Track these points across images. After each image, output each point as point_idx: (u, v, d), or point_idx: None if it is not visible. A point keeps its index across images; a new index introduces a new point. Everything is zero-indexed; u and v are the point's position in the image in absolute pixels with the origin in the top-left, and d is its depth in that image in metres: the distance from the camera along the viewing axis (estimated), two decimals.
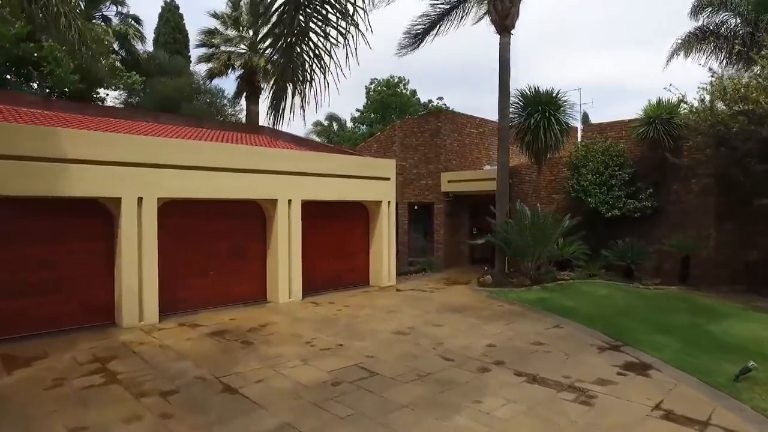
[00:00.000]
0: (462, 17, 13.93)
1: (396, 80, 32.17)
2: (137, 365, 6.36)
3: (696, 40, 18.54)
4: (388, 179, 13.02)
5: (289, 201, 10.74)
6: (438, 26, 14.23)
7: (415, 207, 17.50)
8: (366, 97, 33.59)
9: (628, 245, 13.55)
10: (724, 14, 18.22)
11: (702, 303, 10.82)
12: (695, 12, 18.05)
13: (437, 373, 6.24)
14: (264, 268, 10.85)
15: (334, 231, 12.35)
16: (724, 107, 11.36)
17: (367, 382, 5.87)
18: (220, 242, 10.11)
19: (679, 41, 18.95)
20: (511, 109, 13.27)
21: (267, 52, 5.37)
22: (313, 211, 11.58)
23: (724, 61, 18.79)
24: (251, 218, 10.70)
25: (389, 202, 13.03)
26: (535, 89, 13.42)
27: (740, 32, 17.91)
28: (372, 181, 12.53)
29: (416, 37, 14.58)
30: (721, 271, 13.45)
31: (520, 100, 13.57)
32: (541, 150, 13.33)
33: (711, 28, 18.40)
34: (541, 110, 13.12)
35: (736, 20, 18.18)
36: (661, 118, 13.32)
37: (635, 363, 6.67)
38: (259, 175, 10.16)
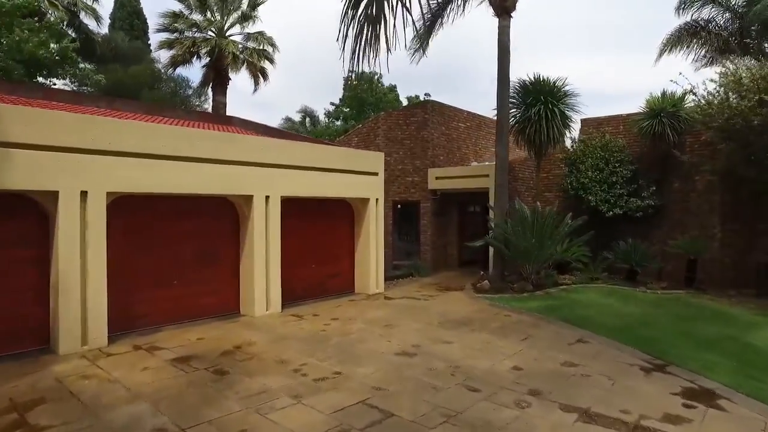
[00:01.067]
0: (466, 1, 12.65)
1: (371, 74, 30.80)
2: (72, 413, 4.76)
3: (687, 35, 18.07)
4: (376, 174, 11.68)
5: (267, 197, 9.26)
6: (444, 13, 12.92)
7: (399, 206, 16.24)
8: (343, 88, 31.98)
9: (631, 246, 12.70)
10: (712, 9, 17.80)
11: (720, 310, 9.98)
12: (682, 7, 17.50)
13: (467, 410, 4.96)
14: (237, 275, 9.33)
15: (316, 232, 10.93)
16: (739, 100, 10.57)
17: (384, 430, 4.53)
18: (186, 246, 8.54)
19: (669, 36, 18.48)
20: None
21: None
22: (293, 210, 10.14)
23: (711, 57, 18.50)
24: (222, 217, 9.16)
25: (377, 199, 11.71)
26: (535, 78, 12.38)
27: (730, 27, 17.54)
28: (358, 176, 11.17)
29: (428, 30, 13.16)
30: (727, 273, 12.77)
31: (520, 90, 12.50)
32: (542, 144, 12.30)
33: (700, 23, 17.96)
34: (543, 100, 12.09)
35: (724, 16, 17.79)
36: (667, 111, 12.51)
37: (696, 390, 5.58)
38: (232, 167, 8.64)
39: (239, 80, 62.92)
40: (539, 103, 12.00)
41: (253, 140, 9.26)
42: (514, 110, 12.59)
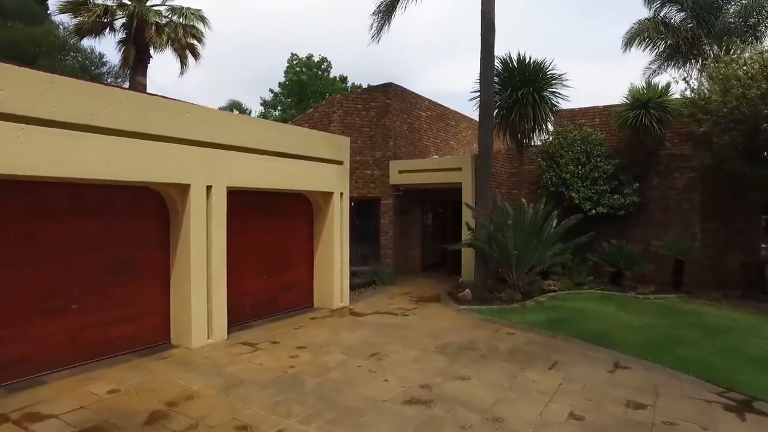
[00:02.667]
0: None
1: (318, 60, 28.22)
2: None
3: (651, 29, 17.73)
4: (340, 163, 9.64)
5: (208, 188, 6.94)
6: None
7: (352, 203, 14.21)
8: (285, 74, 29.05)
9: (616, 248, 11.65)
10: (671, 7, 17.61)
11: (732, 318, 9.03)
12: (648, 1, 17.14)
13: None
14: (167, 292, 6.91)
15: (268, 234, 8.70)
16: (744, 90, 9.75)
17: None
18: (90, 255, 6.02)
19: (633, 29, 18.08)
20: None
21: None
22: (239, 206, 7.89)
23: (667, 54, 18.36)
24: (145, 214, 6.71)
25: (342, 194, 9.67)
26: (520, 57, 10.95)
27: (688, 26, 17.39)
28: (321, 165, 9.07)
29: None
30: (707, 274, 12.12)
31: (503, 71, 11.01)
32: (528, 133, 10.89)
33: (663, 19, 17.71)
34: (529, 83, 10.67)
35: (681, 15, 17.66)
36: (654, 102, 11.60)
37: None
38: (159, 145, 6.25)
39: (162, 72, 57.53)
40: (526, 86, 10.57)
41: (191, 109, 6.84)
42: (497, 95, 11.06)
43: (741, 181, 10.99)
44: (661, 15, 17.74)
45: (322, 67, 28.69)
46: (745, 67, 9.84)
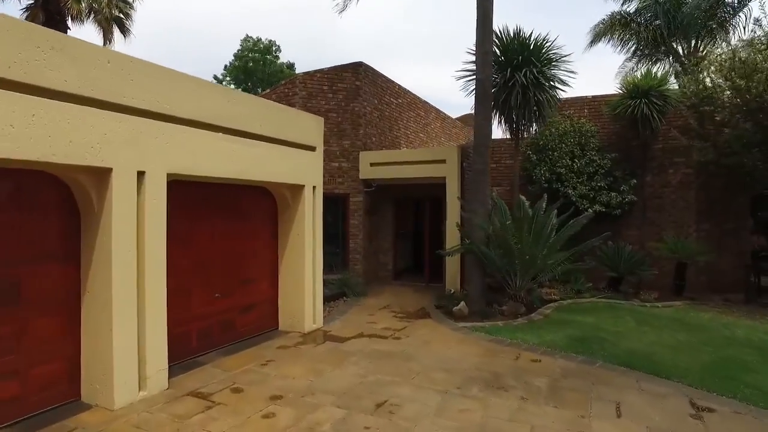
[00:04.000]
0: None
1: (267, 43, 25.56)
2: None
3: (619, 25, 17.12)
4: (313, 149, 7.73)
5: (140, 175, 4.84)
6: None
7: None
8: (234, 58, 26.08)
9: (614, 251, 10.51)
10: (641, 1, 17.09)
11: (766, 331, 8.01)
12: None
13: None
14: (75, 327, 4.72)
15: (223, 239, 6.65)
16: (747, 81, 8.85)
17: None
18: None
19: (601, 26, 17.40)
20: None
21: None
22: (186, 202, 5.84)
23: (638, 50, 17.87)
24: (39, 212, 4.51)
25: (315, 188, 7.76)
26: (519, 33, 9.49)
27: (655, 23, 16.91)
28: (290, 151, 7.13)
29: None
30: (701, 278, 11.27)
31: (499, 48, 9.51)
32: (528, 119, 9.47)
33: (632, 15, 17.15)
34: (529, 63, 9.24)
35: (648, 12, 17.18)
36: (656, 90, 10.58)
37: None
38: (61, 106, 4.11)
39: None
40: (527, 66, 9.13)
41: (115, 58, 4.64)
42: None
43: (745, 176, 10.19)
44: (628, 10, 17.22)
45: (272, 50, 26.14)
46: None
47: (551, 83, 9.52)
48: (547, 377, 5.64)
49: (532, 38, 9.37)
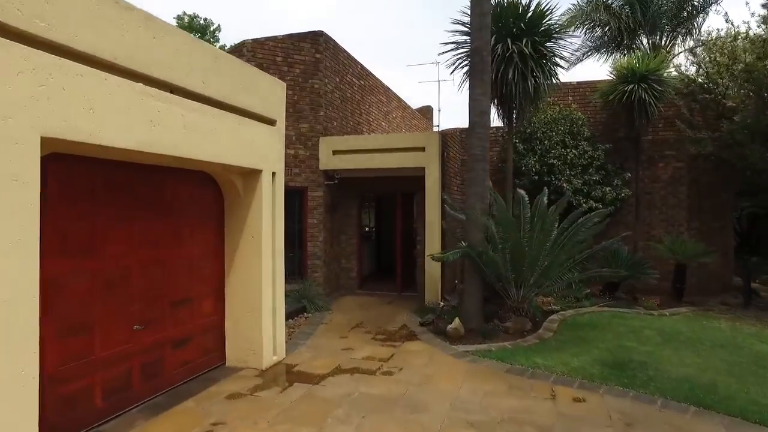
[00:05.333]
0: None
1: (202, 22, 22.58)
2: None
3: (591, 12, 16.28)
4: (273, 123, 5.80)
5: None
6: None
7: None
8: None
9: (610, 252, 9.37)
10: None
11: None
12: None
13: None
14: None
15: (145, 245, 4.59)
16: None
17: None
18: None
19: (572, 11, 16.50)
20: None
21: None
22: (83, 188, 3.77)
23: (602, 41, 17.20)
24: None
25: (274, 174, 5.83)
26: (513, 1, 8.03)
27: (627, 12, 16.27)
28: (242, 123, 5.16)
29: None
30: (692, 279, 10.44)
31: (493, 16, 7.98)
32: (526, 97, 8.03)
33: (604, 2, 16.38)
34: (529, 33, 7.81)
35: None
36: (655, 75, 9.54)
37: None
38: None
39: None
40: (529, 36, 7.69)
41: None
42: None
43: (745, 170, 9.40)
44: None
45: (210, 30, 23.27)
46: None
47: (551, 57, 8.16)
48: (611, 429, 4.13)
49: (531, 6, 7.94)
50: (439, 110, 19.58)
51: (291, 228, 9.64)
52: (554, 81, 8.44)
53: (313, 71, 9.73)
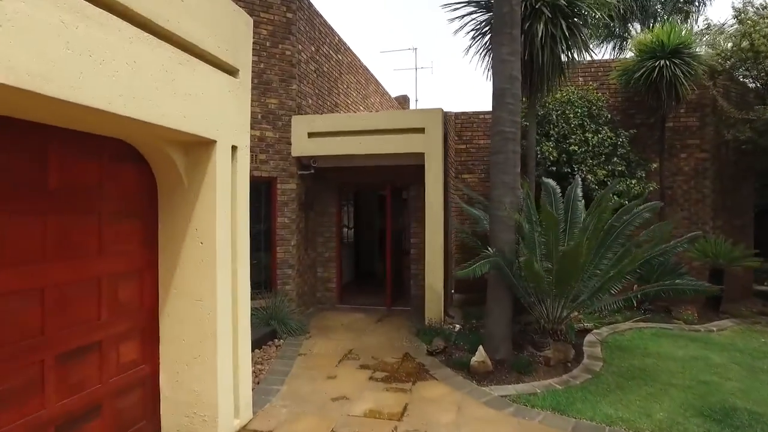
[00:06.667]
0: None
1: None
2: None
3: None
4: (233, 74, 3.90)
5: None
6: None
7: None
8: None
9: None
10: None
11: None
12: None
13: None
14: None
15: (12, 261, 2.62)
16: None
17: None
18: None
19: None
20: None
21: None
22: None
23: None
24: None
25: (235, 148, 3.92)
26: None
27: None
28: (188, 65, 3.24)
29: None
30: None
31: None
32: (554, 65, 6.46)
33: None
34: None
35: None
36: (687, 46, 8.19)
37: None
38: None
39: None
40: None
41: None
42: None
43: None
44: None
45: None
46: None
47: (584, 16, 6.60)
48: None
49: None
50: (416, 100, 17.90)
51: (256, 229, 7.71)
52: (585, 50, 6.91)
53: (283, 34, 7.82)
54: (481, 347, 5.35)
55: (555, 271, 5.14)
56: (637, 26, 15.71)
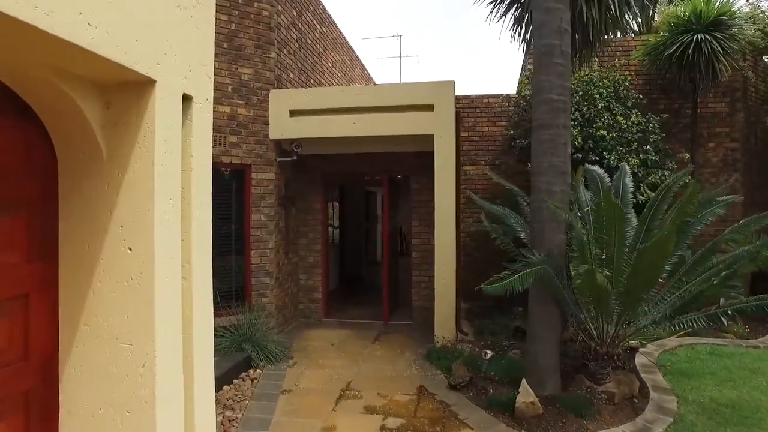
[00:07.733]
0: None
1: None
2: None
3: None
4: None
5: None
6: None
7: None
8: None
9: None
10: None
11: None
12: None
13: None
14: None
15: None
16: None
17: None
18: None
19: None
20: None
21: None
22: None
23: None
24: None
25: (188, 98, 2.50)
26: None
27: None
28: None
29: None
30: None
31: None
32: (604, 19, 5.29)
33: None
34: None
35: None
36: (726, 23, 7.18)
37: None
38: None
39: None
40: None
41: None
42: None
43: None
44: None
45: None
46: None
47: None
48: None
49: None
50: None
51: (224, 229, 6.30)
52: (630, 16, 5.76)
53: None
54: (524, 381, 4.08)
55: (625, 281, 3.91)
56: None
